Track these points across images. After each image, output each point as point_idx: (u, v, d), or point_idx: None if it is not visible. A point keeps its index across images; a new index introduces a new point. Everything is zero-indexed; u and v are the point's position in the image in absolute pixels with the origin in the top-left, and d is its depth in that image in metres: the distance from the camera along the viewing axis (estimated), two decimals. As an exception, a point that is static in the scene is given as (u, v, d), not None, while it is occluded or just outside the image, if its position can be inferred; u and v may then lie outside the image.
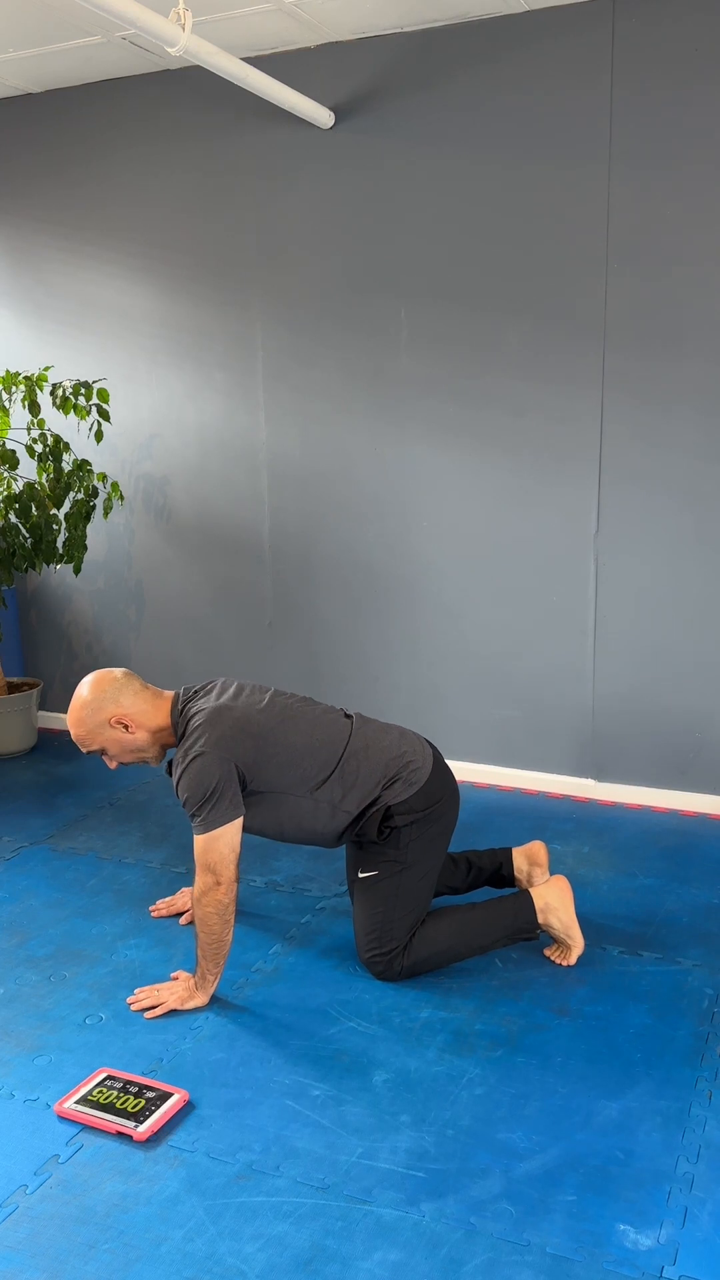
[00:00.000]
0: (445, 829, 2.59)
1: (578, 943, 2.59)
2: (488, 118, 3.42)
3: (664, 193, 3.25)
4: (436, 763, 2.59)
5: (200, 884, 2.36)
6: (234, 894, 2.37)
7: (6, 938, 2.81)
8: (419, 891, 2.52)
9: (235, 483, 4.07)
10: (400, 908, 2.50)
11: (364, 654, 3.98)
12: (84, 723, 2.46)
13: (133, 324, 4.10)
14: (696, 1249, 1.75)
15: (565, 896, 2.58)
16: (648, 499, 3.44)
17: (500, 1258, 1.73)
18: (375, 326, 3.71)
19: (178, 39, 2.81)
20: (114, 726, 2.45)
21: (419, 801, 2.50)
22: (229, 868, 2.35)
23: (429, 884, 2.55)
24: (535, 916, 2.56)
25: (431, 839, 2.54)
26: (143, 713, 2.47)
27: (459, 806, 2.65)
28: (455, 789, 2.63)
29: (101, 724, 2.45)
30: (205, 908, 2.36)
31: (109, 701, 2.45)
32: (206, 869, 2.35)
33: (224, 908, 2.36)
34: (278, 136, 3.72)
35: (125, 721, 2.45)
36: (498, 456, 3.62)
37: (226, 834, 2.35)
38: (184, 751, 2.40)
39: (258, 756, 2.42)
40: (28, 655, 4.69)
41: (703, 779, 3.55)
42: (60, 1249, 1.77)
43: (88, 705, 2.45)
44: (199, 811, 2.35)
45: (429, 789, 2.52)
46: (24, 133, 4.15)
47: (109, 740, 2.47)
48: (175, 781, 2.41)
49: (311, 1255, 1.74)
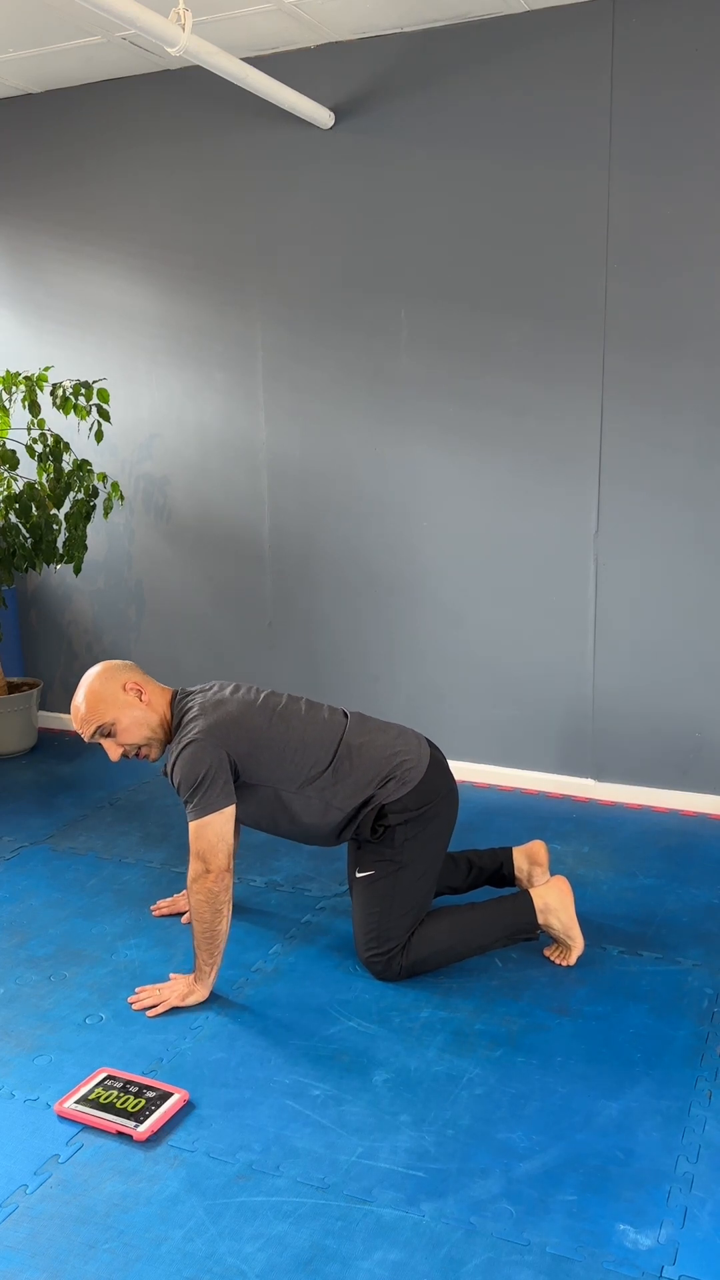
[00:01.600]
0: (443, 828, 2.58)
1: (578, 943, 2.59)
2: (488, 118, 3.42)
3: (664, 193, 3.25)
4: (434, 761, 2.59)
5: (191, 871, 2.39)
6: (225, 883, 2.38)
7: (6, 938, 2.81)
8: (417, 891, 2.52)
9: (235, 483, 4.07)
10: (398, 907, 2.50)
11: (364, 654, 3.98)
12: (97, 693, 2.48)
13: (133, 324, 4.10)
14: (696, 1249, 1.75)
15: (565, 897, 2.58)
16: (648, 499, 3.44)
17: (500, 1258, 1.73)
18: (375, 326, 3.71)
19: (178, 39, 2.81)
20: (129, 692, 2.48)
21: (413, 800, 2.50)
22: (217, 856, 2.36)
23: (428, 883, 2.55)
24: (535, 917, 2.56)
25: (428, 838, 2.54)
26: (153, 690, 2.53)
27: (458, 806, 2.65)
28: (453, 788, 2.63)
29: (116, 690, 2.48)
30: (196, 895, 2.38)
31: (123, 670, 2.53)
32: (197, 855, 2.38)
33: (213, 895, 2.37)
34: (278, 136, 3.72)
35: (140, 688, 2.50)
36: (498, 457, 3.62)
37: (216, 822, 2.37)
38: (179, 740, 2.44)
39: (251, 748, 2.44)
40: (28, 655, 4.69)
41: (703, 779, 3.56)
42: (60, 1249, 1.77)
43: (100, 676, 2.51)
44: (191, 797, 2.38)
45: (424, 788, 2.52)
46: (24, 133, 4.15)
47: (121, 709, 2.47)
48: (170, 769, 2.44)
49: (311, 1255, 1.74)
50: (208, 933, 2.40)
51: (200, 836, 2.37)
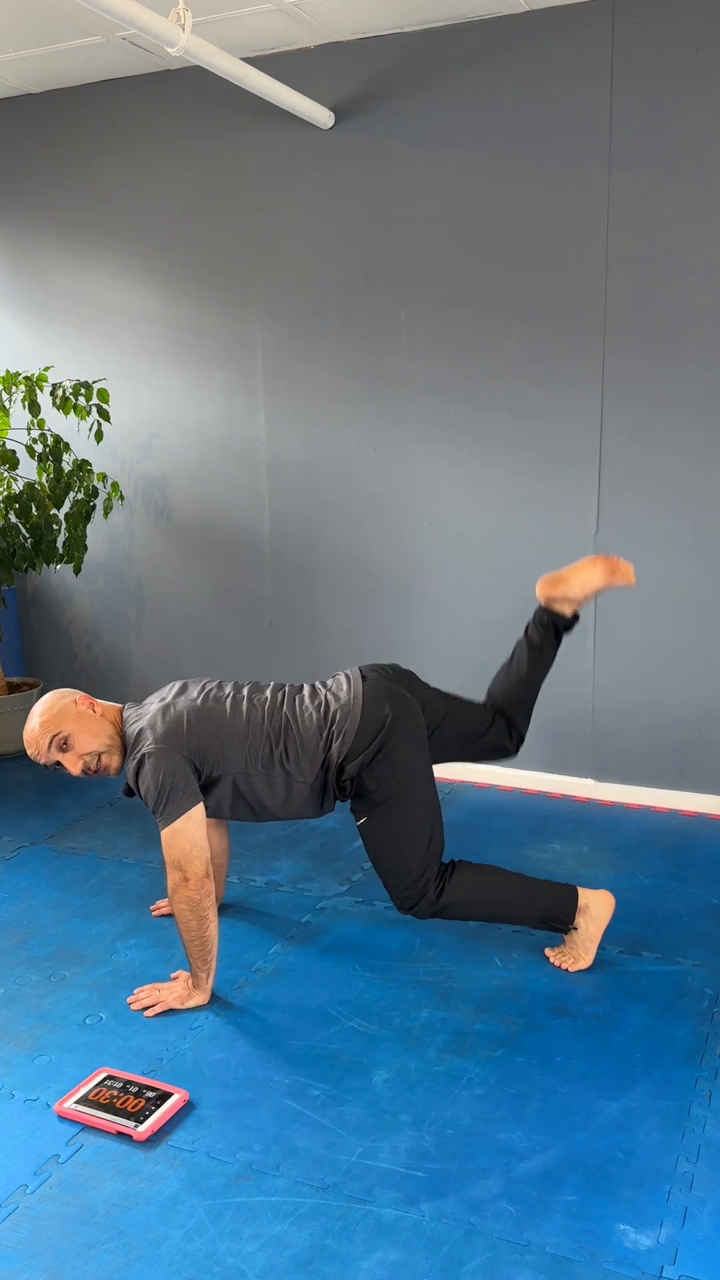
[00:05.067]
0: (409, 748, 2.50)
1: (587, 957, 2.58)
2: (488, 118, 3.42)
3: (664, 194, 3.25)
4: (368, 691, 2.52)
5: (170, 880, 2.38)
6: (206, 890, 2.37)
7: (6, 938, 2.81)
8: (416, 817, 2.48)
9: (235, 483, 4.07)
10: (404, 838, 2.47)
11: (364, 654, 3.97)
12: (49, 708, 2.49)
13: (133, 324, 4.10)
14: (696, 1249, 1.75)
15: (606, 910, 2.57)
16: (648, 499, 3.44)
17: (500, 1258, 1.73)
18: (375, 326, 3.71)
19: (178, 39, 2.81)
20: (79, 705, 2.51)
21: (361, 743, 2.46)
22: (193, 863, 2.36)
23: (424, 805, 2.50)
24: (575, 913, 2.55)
25: (400, 766, 2.48)
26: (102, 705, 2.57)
27: (414, 712, 2.55)
28: (400, 699, 2.53)
29: (68, 704, 2.50)
30: (179, 905, 2.38)
31: (70, 691, 2.57)
32: (173, 865, 2.37)
33: (196, 904, 2.36)
34: (278, 136, 3.72)
35: (90, 702, 2.53)
36: (498, 457, 3.62)
37: (188, 828, 2.37)
38: (133, 754, 2.45)
39: (203, 743, 2.44)
40: (28, 655, 4.69)
41: (703, 779, 3.55)
42: (60, 1249, 1.77)
43: (48, 698, 2.54)
44: (156, 805, 2.38)
45: (365, 727, 2.46)
46: (24, 133, 4.15)
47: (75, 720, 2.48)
48: (135, 784, 2.45)
49: (311, 1255, 1.74)
50: (197, 940, 2.40)
51: (173, 845, 2.37)
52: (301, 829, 3.46)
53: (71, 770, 2.49)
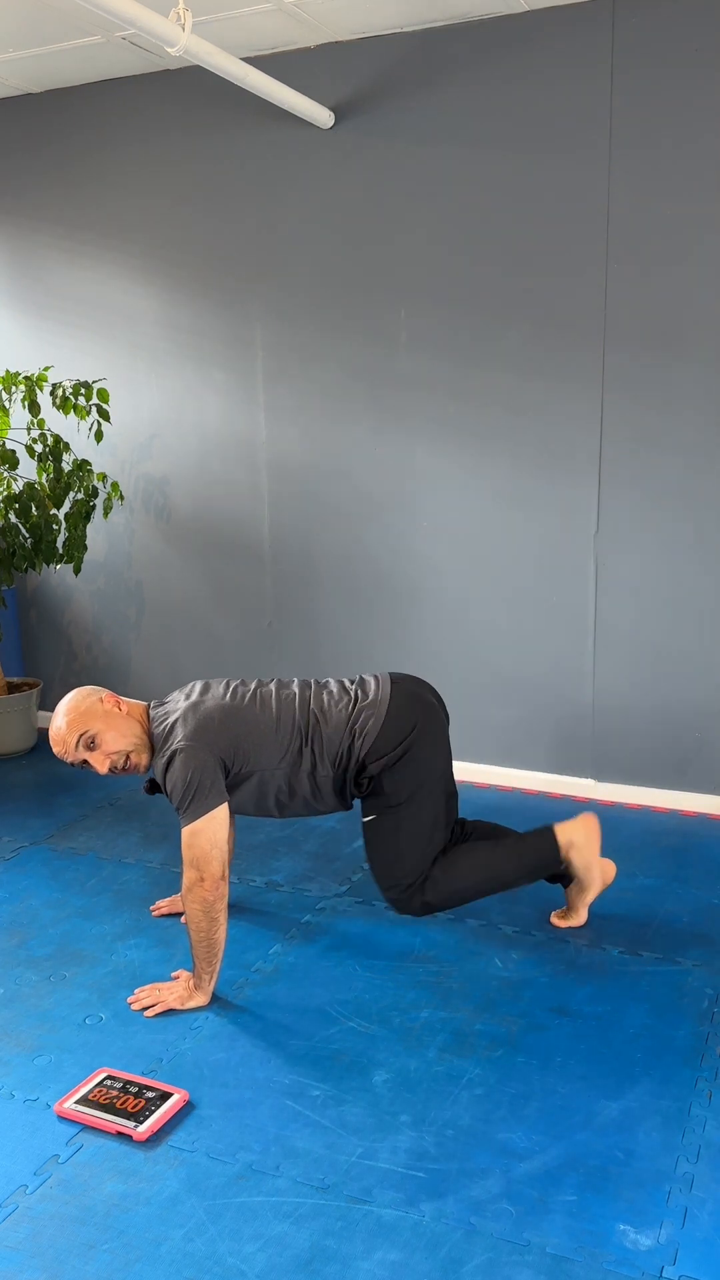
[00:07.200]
0: (431, 756, 2.56)
1: (596, 882, 2.60)
2: (487, 118, 3.41)
3: (664, 194, 3.25)
4: (396, 695, 2.56)
5: (186, 879, 2.38)
6: (221, 892, 2.37)
7: (6, 938, 2.81)
8: (422, 822, 2.53)
9: (235, 483, 4.07)
10: (404, 842, 2.52)
11: (364, 654, 3.97)
12: (76, 708, 2.49)
13: (133, 324, 4.10)
14: (696, 1249, 1.75)
15: (591, 833, 2.59)
16: (648, 499, 3.44)
17: (500, 1258, 1.73)
18: (375, 326, 3.71)
19: (178, 39, 2.81)
20: (105, 704, 2.51)
21: (384, 744, 2.50)
22: (211, 864, 2.36)
23: (431, 813, 2.55)
24: (558, 852, 2.58)
25: (418, 771, 2.53)
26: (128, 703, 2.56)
27: (443, 720, 2.63)
28: (429, 711, 2.59)
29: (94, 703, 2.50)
30: (191, 905, 2.38)
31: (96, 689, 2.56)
32: (190, 864, 2.37)
33: (209, 905, 2.36)
34: (278, 136, 3.72)
35: (116, 700, 2.53)
36: (498, 456, 3.62)
37: (209, 828, 2.37)
38: (163, 750, 2.46)
39: (233, 741, 2.46)
40: (28, 655, 4.69)
41: (703, 779, 3.55)
42: (60, 1249, 1.77)
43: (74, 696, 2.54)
44: (181, 802, 2.39)
45: (391, 729, 2.50)
46: (24, 133, 4.15)
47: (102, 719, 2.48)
48: (161, 781, 2.46)
49: (311, 1255, 1.74)
50: (205, 942, 2.40)
51: (193, 845, 2.37)
52: (301, 829, 3.46)
53: (99, 769, 2.50)
